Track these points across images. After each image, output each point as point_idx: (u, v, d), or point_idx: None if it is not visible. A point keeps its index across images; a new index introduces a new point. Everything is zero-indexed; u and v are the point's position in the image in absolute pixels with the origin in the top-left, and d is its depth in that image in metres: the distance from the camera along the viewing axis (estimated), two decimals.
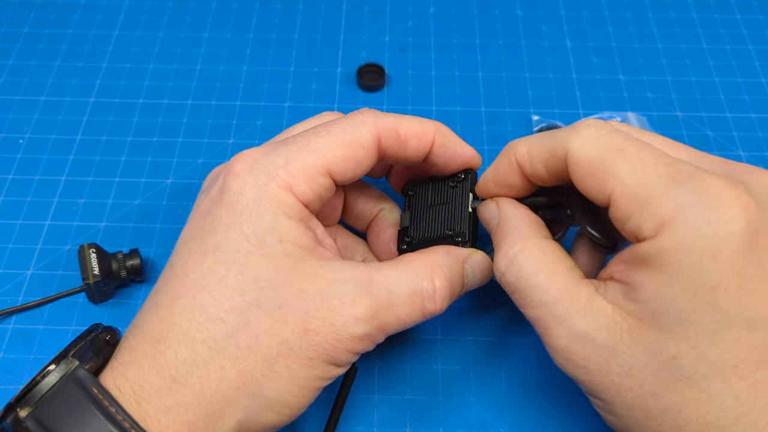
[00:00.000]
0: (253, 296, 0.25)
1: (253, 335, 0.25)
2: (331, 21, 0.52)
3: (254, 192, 0.26)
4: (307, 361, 0.25)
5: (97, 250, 0.36)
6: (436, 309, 0.28)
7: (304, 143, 0.28)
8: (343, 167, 0.28)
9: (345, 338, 0.26)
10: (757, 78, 0.48)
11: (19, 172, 0.43)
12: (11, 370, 0.35)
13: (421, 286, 0.27)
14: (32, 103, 0.46)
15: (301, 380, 0.25)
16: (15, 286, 0.38)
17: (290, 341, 0.25)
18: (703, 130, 0.45)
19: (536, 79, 0.48)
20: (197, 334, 0.25)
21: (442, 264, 0.29)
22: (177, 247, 0.28)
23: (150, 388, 0.24)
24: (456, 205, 0.31)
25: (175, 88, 0.47)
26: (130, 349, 0.25)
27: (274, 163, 0.27)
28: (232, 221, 0.26)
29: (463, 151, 0.31)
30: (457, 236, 0.30)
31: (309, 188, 0.27)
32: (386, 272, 0.27)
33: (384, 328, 0.27)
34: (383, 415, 0.34)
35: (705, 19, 0.52)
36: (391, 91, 0.47)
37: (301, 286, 0.26)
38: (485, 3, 0.53)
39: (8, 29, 0.51)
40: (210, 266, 0.26)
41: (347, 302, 0.26)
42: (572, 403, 0.34)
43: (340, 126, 0.28)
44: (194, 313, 0.25)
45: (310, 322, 0.25)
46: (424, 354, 0.35)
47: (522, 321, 0.36)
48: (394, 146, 0.29)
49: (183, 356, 0.25)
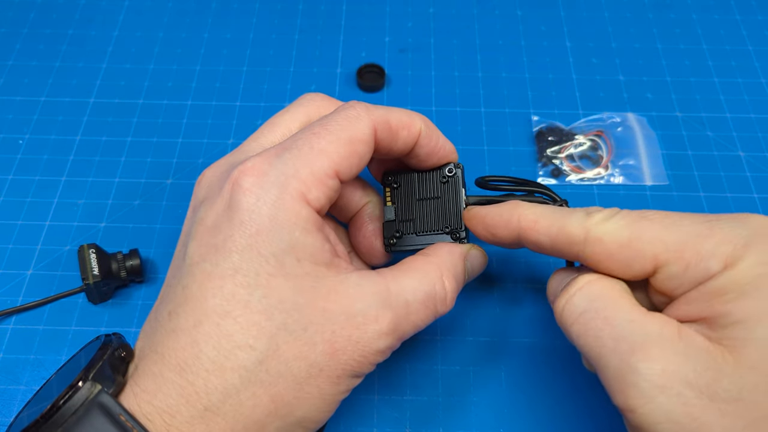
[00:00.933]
0: (279, 320, 0.25)
1: (283, 360, 0.25)
2: (331, 21, 0.52)
3: (268, 209, 0.26)
4: (335, 379, 0.25)
5: (97, 251, 0.36)
6: (446, 310, 0.28)
7: (307, 147, 0.27)
8: (348, 165, 0.28)
9: (370, 353, 0.26)
10: (756, 78, 0.48)
11: (19, 173, 0.43)
12: (11, 370, 0.35)
13: (434, 290, 0.28)
14: (32, 104, 0.46)
15: (330, 397, 0.26)
16: (15, 286, 0.38)
17: (319, 363, 0.25)
18: (703, 131, 0.45)
19: (536, 80, 0.48)
20: (226, 362, 0.24)
21: (449, 265, 0.29)
22: (188, 267, 0.26)
23: (181, 417, 0.24)
24: (449, 200, 0.31)
25: (175, 88, 0.47)
26: (154, 377, 0.25)
27: (284, 174, 0.26)
28: (249, 243, 0.25)
29: (444, 145, 0.31)
30: (456, 232, 0.31)
31: (322, 194, 0.27)
32: (401, 280, 0.27)
33: (402, 338, 0.27)
34: (383, 415, 0.34)
35: (704, 19, 0.52)
36: (390, 92, 0.47)
37: (325, 305, 0.25)
38: (485, 3, 0.53)
39: (8, 29, 0.51)
40: (231, 290, 0.25)
41: (370, 318, 0.26)
42: (572, 403, 0.34)
43: (337, 123, 0.28)
44: (221, 340, 0.24)
45: (337, 341, 0.25)
46: (424, 354, 0.35)
47: (522, 322, 0.36)
48: (387, 138, 0.29)
49: (213, 385, 0.24)
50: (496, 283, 0.38)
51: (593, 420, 0.33)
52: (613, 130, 0.45)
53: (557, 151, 0.44)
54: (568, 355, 0.35)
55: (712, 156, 0.44)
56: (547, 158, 0.43)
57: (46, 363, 0.35)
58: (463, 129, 0.45)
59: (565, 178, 0.42)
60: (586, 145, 0.44)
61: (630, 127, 0.45)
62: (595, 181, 0.42)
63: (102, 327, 0.36)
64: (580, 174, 0.43)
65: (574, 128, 0.45)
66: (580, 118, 0.45)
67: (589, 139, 0.44)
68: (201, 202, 0.28)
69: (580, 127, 0.45)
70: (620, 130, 0.45)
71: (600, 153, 0.44)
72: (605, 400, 0.34)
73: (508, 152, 0.44)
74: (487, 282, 0.38)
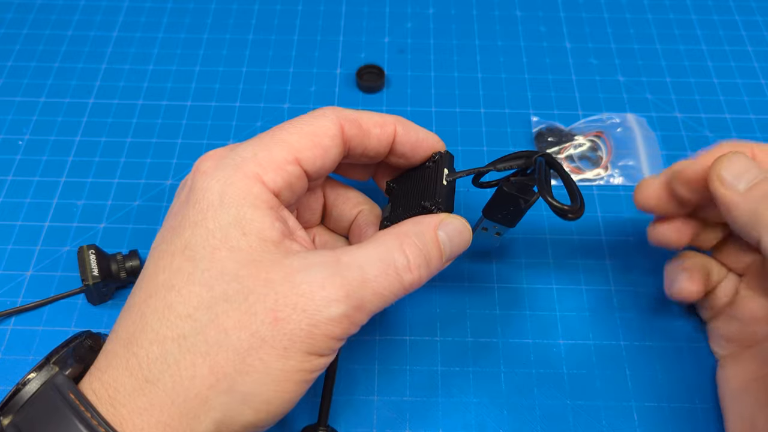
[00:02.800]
0: (219, 291, 0.25)
1: (222, 329, 0.24)
2: (330, 22, 0.52)
3: (219, 186, 0.26)
4: (282, 351, 0.24)
5: (97, 252, 0.36)
6: (414, 279, 0.27)
7: (269, 137, 0.28)
8: (311, 154, 0.28)
9: (321, 322, 0.25)
10: (756, 79, 0.48)
11: (18, 174, 0.43)
12: (10, 371, 0.35)
13: (392, 257, 0.26)
14: (32, 105, 0.46)
15: (278, 372, 0.25)
16: (14, 287, 0.38)
17: (261, 332, 0.24)
18: (702, 131, 0.45)
19: (535, 81, 0.48)
20: (168, 332, 0.25)
21: (410, 233, 0.28)
22: (150, 251, 0.28)
23: (124, 390, 0.24)
24: (430, 180, 0.31)
25: (175, 89, 0.47)
26: (106, 353, 0.26)
27: (241, 156, 0.27)
28: (199, 218, 0.26)
29: (426, 137, 0.32)
30: (430, 204, 0.29)
31: (278, 176, 0.27)
32: (354, 252, 0.27)
33: (362, 306, 0.26)
34: (383, 416, 0.33)
35: (704, 20, 0.52)
36: (390, 93, 0.47)
37: (267, 276, 0.25)
38: (484, 4, 0.53)
39: (8, 30, 0.51)
40: (178, 265, 0.26)
41: (316, 285, 0.25)
42: (571, 404, 0.34)
43: (303, 120, 0.29)
44: (164, 312, 0.25)
45: (280, 310, 0.25)
46: (423, 355, 0.35)
47: (521, 322, 0.36)
48: (358, 135, 0.30)
49: (155, 355, 0.24)
50: (495, 284, 0.38)
51: (593, 421, 0.33)
52: (613, 130, 0.45)
53: (557, 151, 0.44)
54: (568, 356, 0.35)
55: None
56: None
57: None
58: (463, 130, 0.45)
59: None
60: (586, 146, 0.44)
61: (629, 128, 0.45)
62: (595, 182, 0.42)
63: (101, 328, 0.36)
64: (579, 175, 0.43)
65: (573, 129, 0.45)
66: (580, 119, 0.45)
67: (588, 139, 0.44)
68: (174, 197, 0.30)
69: (579, 127, 0.45)
70: (620, 131, 0.45)
71: (600, 154, 0.44)
72: (606, 400, 0.34)
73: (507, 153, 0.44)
74: (486, 282, 0.38)
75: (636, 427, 0.33)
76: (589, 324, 0.36)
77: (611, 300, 0.37)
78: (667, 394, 0.34)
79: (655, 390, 0.34)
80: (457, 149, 0.44)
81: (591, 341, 0.36)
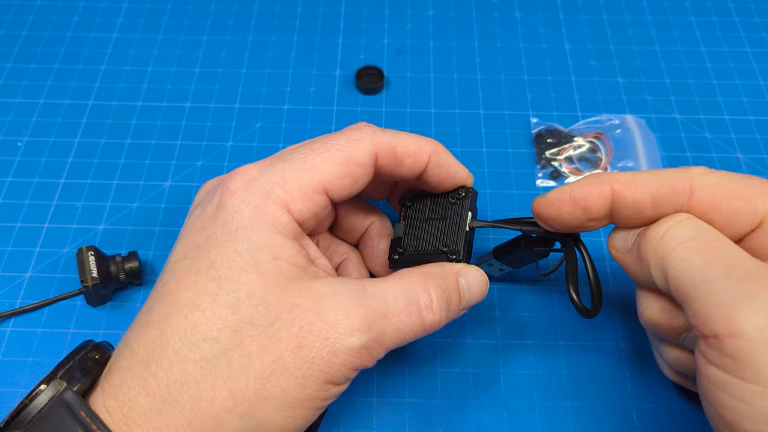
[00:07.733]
0: (246, 314, 0.25)
1: (246, 354, 0.24)
2: (329, 24, 0.52)
3: (250, 210, 0.26)
4: (300, 379, 0.24)
5: (96, 253, 0.36)
6: (435, 320, 0.28)
7: (301, 161, 0.27)
8: (339, 185, 0.28)
9: (341, 351, 0.25)
10: (755, 80, 0.48)
11: (17, 175, 0.43)
12: (10, 372, 0.35)
13: (417, 296, 0.27)
14: (31, 106, 0.46)
15: (295, 400, 0.25)
16: (13, 288, 0.38)
17: (284, 359, 0.24)
18: (702, 133, 0.45)
19: (535, 82, 0.48)
20: (189, 354, 0.24)
21: (435, 276, 0.28)
22: (170, 265, 0.27)
23: (140, 410, 0.24)
24: (453, 221, 0.31)
25: (174, 90, 0.47)
26: (122, 371, 0.25)
27: (270, 181, 0.27)
28: (227, 239, 0.26)
29: (457, 172, 0.31)
30: (452, 253, 0.30)
31: (305, 207, 0.27)
32: (380, 284, 0.27)
33: (382, 340, 0.26)
34: (382, 418, 0.33)
35: (703, 22, 0.52)
36: (389, 94, 0.47)
37: (294, 301, 0.25)
38: (484, 5, 0.53)
39: (7, 32, 0.51)
40: (203, 284, 0.25)
41: (341, 314, 0.25)
42: (571, 405, 0.34)
43: (337, 143, 0.28)
44: (187, 332, 0.25)
45: (304, 337, 0.25)
46: (423, 357, 0.35)
47: (521, 323, 0.36)
48: (390, 164, 0.29)
49: (174, 377, 0.24)
50: (495, 285, 0.38)
51: (593, 421, 0.33)
52: (612, 132, 0.45)
53: (556, 153, 0.44)
54: (567, 356, 0.35)
55: (711, 158, 0.44)
56: (546, 160, 0.43)
57: (45, 365, 0.35)
58: (462, 131, 0.45)
59: (564, 180, 0.42)
60: (585, 147, 0.44)
61: (629, 129, 0.45)
62: None
63: (101, 329, 0.36)
64: (579, 176, 0.43)
65: (573, 130, 0.45)
66: (579, 120, 0.45)
67: (588, 141, 0.44)
68: (196, 207, 0.29)
69: (579, 129, 0.45)
70: (619, 132, 0.45)
71: (599, 155, 0.44)
72: (605, 400, 0.34)
73: (507, 154, 0.44)
74: None
75: (635, 428, 0.33)
76: (589, 325, 0.36)
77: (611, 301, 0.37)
78: (666, 395, 0.34)
79: (654, 390, 0.34)
80: (457, 150, 0.44)
81: (590, 342, 0.36)
